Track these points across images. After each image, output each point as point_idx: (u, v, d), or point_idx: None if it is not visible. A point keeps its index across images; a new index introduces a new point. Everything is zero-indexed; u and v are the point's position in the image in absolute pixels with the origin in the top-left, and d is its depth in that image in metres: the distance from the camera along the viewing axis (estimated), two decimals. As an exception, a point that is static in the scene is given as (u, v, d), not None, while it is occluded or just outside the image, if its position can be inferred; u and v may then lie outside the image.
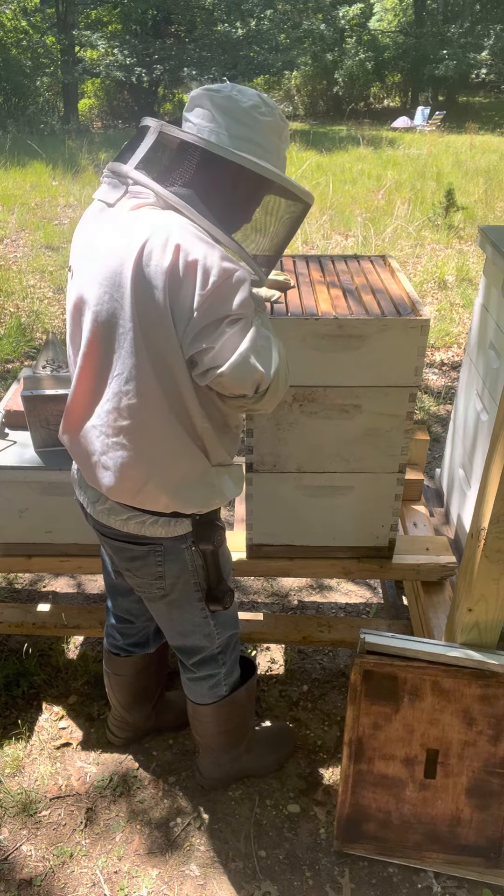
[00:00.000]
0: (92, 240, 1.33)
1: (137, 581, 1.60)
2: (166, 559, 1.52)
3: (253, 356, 1.26)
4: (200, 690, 1.77)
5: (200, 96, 1.30)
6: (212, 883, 1.76)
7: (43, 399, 1.93)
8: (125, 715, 2.01)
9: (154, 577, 1.55)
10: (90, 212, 1.39)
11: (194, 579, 1.57)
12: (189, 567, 1.55)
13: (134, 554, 1.53)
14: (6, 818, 1.91)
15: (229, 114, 1.27)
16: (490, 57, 24.36)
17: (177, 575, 1.55)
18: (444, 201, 7.90)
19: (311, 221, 7.63)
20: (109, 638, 1.91)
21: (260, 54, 21.98)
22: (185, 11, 22.02)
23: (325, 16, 23.96)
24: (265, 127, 1.29)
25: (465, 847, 1.76)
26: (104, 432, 1.39)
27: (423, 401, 4.08)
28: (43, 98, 21.52)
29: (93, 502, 1.52)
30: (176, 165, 1.29)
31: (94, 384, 1.38)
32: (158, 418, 1.34)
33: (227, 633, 1.72)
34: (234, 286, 1.24)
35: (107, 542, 1.58)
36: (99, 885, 1.76)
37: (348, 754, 1.73)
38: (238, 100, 1.28)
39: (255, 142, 1.29)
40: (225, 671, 1.76)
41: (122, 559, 1.57)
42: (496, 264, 2.03)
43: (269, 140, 1.30)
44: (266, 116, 1.29)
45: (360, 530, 2.04)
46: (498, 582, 1.62)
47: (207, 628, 1.67)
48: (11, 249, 7.06)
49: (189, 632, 1.67)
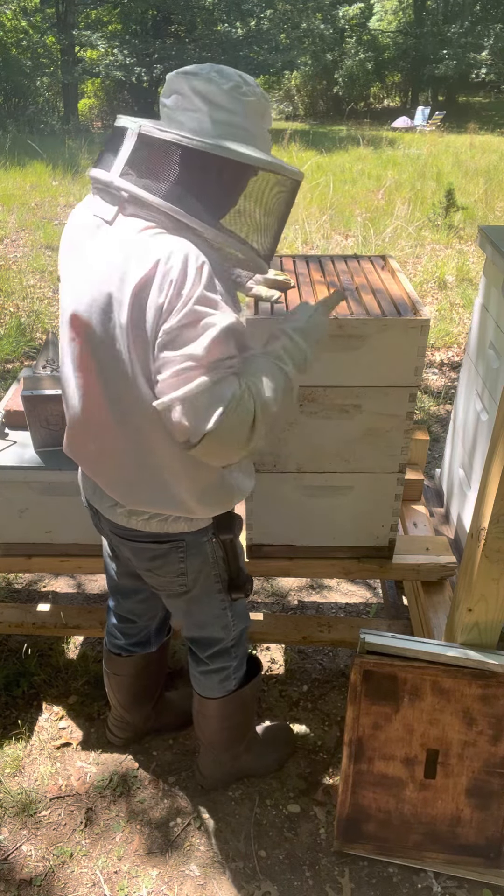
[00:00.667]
0: (90, 258, 1.30)
1: (158, 580, 1.60)
2: (188, 554, 1.53)
3: (182, 413, 1.21)
4: (210, 684, 1.77)
5: (177, 80, 1.25)
6: (212, 883, 1.76)
7: (43, 399, 1.93)
8: (125, 715, 2.01)
9: (176, 574, 1.56)
10: (83, 223, 1.35)
11: (214, 571, 1.59)
12: (210, 559, 1.56)
13: (155, 553, 1.53)
14: (6, 818, 1.91)
15: (209, 98, 1.23)
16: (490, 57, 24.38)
17: (198, 569, 1.56)
18: (444, 201, 7.90)
19: (311, 221, 7.64)
20: (111, 637, 1.91)
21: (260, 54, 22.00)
22: (185, 11, 22.02)
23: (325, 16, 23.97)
24: (248, 108, 1.25)
25: (465, 847, 1.76)
26: (117, 452, 1.40)
27: (423, 401, 4.08)
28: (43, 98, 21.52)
29: (110, 506, 1.51)
30: (160, 165, 1.23)
31: (99, 404, 1.37)
32: (167, 436, 1.33)
33: (241, 625, 1.74)
34: (202, 330, 1.20)
35: (125, 544, 1.57)
36: (99, 885, 1.76)
37: (348, 754, 1.73)
38: (218, 83, 1.23)
39: (238, 125, 1.24)
40: (235, 664, 1.77)
41: (143, 559, 1.56)
42: (496, 264, 2.03)
43: (252, 121, 1.26)
44: (248, 97, 1.25)
45: (360, 530, 2.04)
46: (498, 582, 1.62)
47: (225, 619, 1.69)
48: (11, 249, 7.06)
49: (207, 623, 1.69)
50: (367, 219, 7.83)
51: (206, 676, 1.77)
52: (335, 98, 26.79)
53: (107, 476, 1.46)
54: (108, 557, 1.78)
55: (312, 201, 8.64)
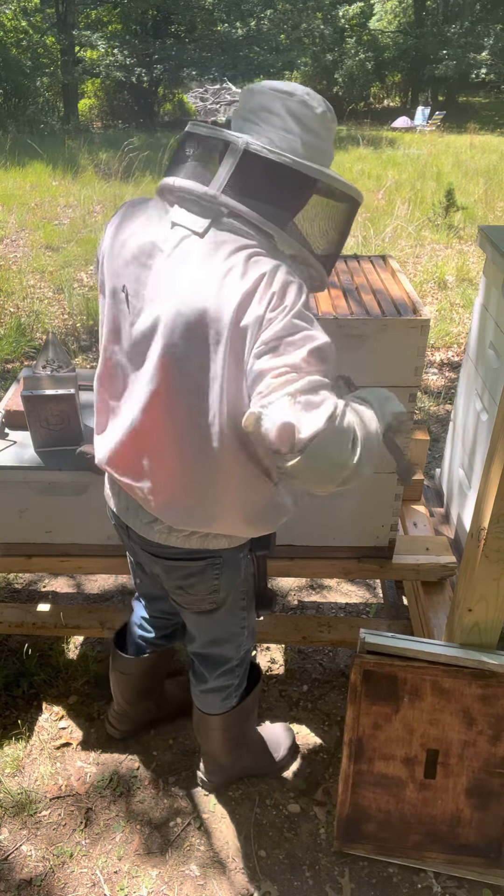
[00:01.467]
0: (174, 268, 1.24)
1: (189, 598, 1.56)
2: (224, 571, 1.50)
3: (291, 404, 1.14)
4: (213, 702, 1.77)
5: (269, 97, 1.25)
6: (212, 883, 1.76)
7: (43, 399, 1.93)
8: (128, 710, 2.01)
9: (209, 592, 1.53)
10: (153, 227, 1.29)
11: (243, 587, 1.57)
12: (241, 576, 1.54)
13: (190, 570, 1.50)
14: (6, 818, 1.91)
15: (303, 121, 1.24)
16: (490, 57, 24.37)
17: (229, 587, 1.54)
18: (444, 201, 7.90)
19: (311, 221, 7.62)
20: (140, 630, 1.90)
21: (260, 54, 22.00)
22: (185, 11, 22.04)
23: (325, 16, 23.97)
24: (329, 134, 1.29)
25: (465, 847, 1.76)
26: (173, 472, 1.35)
27: (423, 401, 4.08)
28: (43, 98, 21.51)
29: (146, 523, 1.47)
30: (264, 184, 1.23)
31: (165, 421, 1.31)
32: (233, 458, 1.31)
33: (248, 645, 1.73)
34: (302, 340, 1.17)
35: (158, 562, 1.53)
36: (99, 885, 1.76)
37: (348, 754, 1.73)
38: (313, 107, 1.25)
39: (322, 150, 1.28)
40: (237, 683, 1.77)
41: (176, 578, 1.52)
42: (496, 264, 2.03)
43: (330, 146, 1.31)
44: (332, 123, 1.29)
45: (360, 530, 2.04)
46: (498, 582, 1.62)
47: (240, 638, 1.68)
48: (11, 249, 7.06)
49: (223, 640, 1.67)
50: (367, 219, 7.83)
51: (209, 695, 1.76)
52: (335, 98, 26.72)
53: (156, 494, 1.40)
54: (135, 566, 1.76)
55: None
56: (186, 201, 1.26)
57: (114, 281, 1.33)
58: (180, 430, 1.31)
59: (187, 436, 1.30)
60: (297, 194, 1.27)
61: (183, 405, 1.28)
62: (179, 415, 1.29)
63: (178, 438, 1.32)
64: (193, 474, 1.34)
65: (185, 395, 1.27)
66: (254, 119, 1.25)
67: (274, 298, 1.17)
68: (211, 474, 1.33)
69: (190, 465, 1.33)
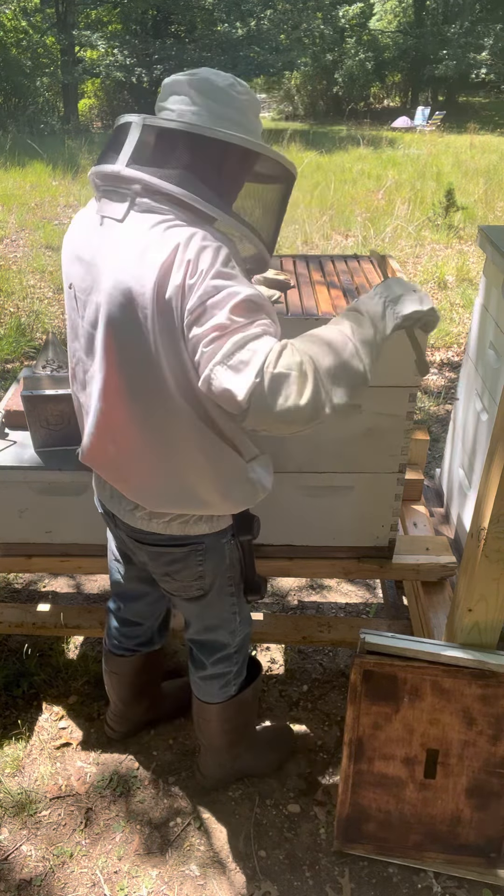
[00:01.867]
0: (103, 258, 1.29)
1: (176, 585, 1.59)
2: (207, 557, 1.53)
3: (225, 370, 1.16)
4: (211, 689, 1.77)
5: (177, 82, 1.30)
6: (212, 883, 1.76)
7: (43, 399, 1.93)
8: (125, 710, 2.01)
9: (194, 578, 1.56)
10: (88, 227, 1.35)
11: (229, 573, 1.59)
12: (227, 562, 1.57)
13: (174, 556, 1.53)
14: (6, 818, 1.91)
15: (208, 94, 1.28)
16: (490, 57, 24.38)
17: (215, 572, 1.57)
18: (444, 201, 7.90)
19: (312, 222, 7.64)
20: (112, 640, 1.91)
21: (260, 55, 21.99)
22: (185, 11, 22.03)
23: (325, 16, 23.96)
24: (243, 105, 1.30)
25: (465, 847, 1.76)
26: (139, 452, 1.40)
27: (423, 401, 4.08)
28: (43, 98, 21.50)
29: (129, 510, 1.51)
30: (163, 155, 1.26)
31: (121, 404, 1.36)
32: (192, 430, 1.34)
33: (244, 631, 1.74)
34: (227, 298, 1.18)
35: (143, 549, 1.56)
36: (99, 885, 1.76)
37: (348, 754, 1.73)
38: (215, 80, 1.29)
39: (234, 120, 1.29)
40: (236, 670, 1.77)
41: (161, 564, 1.56)
42: (496, 264, 2.03)
43: (247, 118, 1.31)
44: (242, 95, 1.30)
45: (359, 530, 2.04)
46: (498, 582, 1.62)
47: (233, 624, 1.69)
48: (11, 249, 7.06)
49: (216, 627, 1.69)
50: (367, 219, 7.83)
51: (207, 682, 1.77)
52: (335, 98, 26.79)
53: (127, 479, 1.45)
54: (115, 562, 1.78)
55: (312, 201, 8.64)
56: (107, 192, 1.31)
57: (66, 280, 1.41)
58: (136, 412, 1.35)
59: (143, 416, 1.35)
60: (203, 159, 1.26)
61: (132, 387, 1.33)
62: (132, 397, 1.34)
63: (136, 420, 1.36)
64: (157, 454, 1.38)
65: (132, 378, 1.32)
66: (166, 105, 1.31)
67: (190, 265, 1.19)
68: (173, 451, 1.37)
69: (152, 446, 1.37)
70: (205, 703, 1.80)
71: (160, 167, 1.25)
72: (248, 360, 1.15)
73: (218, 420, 1.35)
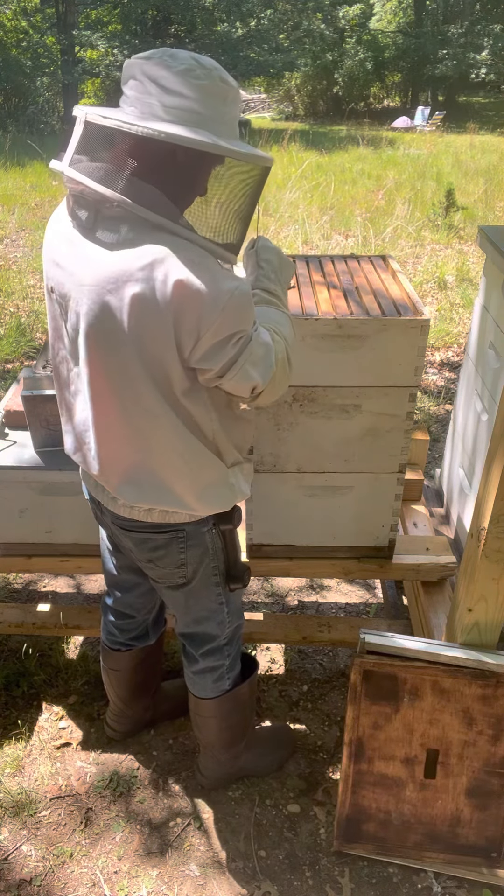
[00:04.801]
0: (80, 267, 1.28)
1: (159, 572, 1.61)
2: (188, 545, 1.54)
3: (251, 368, 1.31)
4: (204, 684, 1.78)
5: (132, 66, 1.22)
6: (212, 883, 1.76)
7: (43, 399, 1.93)
8: (124, 709, 2.01)
9: (176, 566, 1.57)
10: (63, 226, 1.33)
11: (213, 563, 1.60)
12: (210, 551, 1.58)
13: (157, 543, 1.54)
14: (6, 818, 1.91)
15: (160, 83, 1.18)
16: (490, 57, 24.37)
17: (198, 561, 1.58)
18: (444, 201, 7.90)
19: (311, 222, 7.64)
20: (108, 635, 1.92)
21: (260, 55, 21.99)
22: (185, 11, 22.01)
23: (325, 16, 23.96)
24: (202, 92, 1.18)
25: (465, 847, 1.76)
26: (121, 453, 1.41)
27: (423, 401, 4.08)
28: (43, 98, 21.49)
29: (111, 498, 1.53)
30: (108, 154, 1.19)
31: (104, 406, 1.37)
32: (174, 433, 1.36)
33: (235, 622, 1.74)
34: (236, 306, 1.23)
35: (127, 535, 1.58)
36: (99, 885, 1.76)
37: (348, 754, 1.73)
38: (169, 65, 1.17)
39: (191, 110, 1.18)
40: (228, 664, 1.77)
41: (145, 550, 1.58)
42: (496, 264, 2.03)
43: (208, 106, 1.20)
44: (201, 80, 1.18)
45: (359, 530, 2.04)
46: (498, 582, 1.63)
47: (221, 615, 1.69)
48: (11, 249, 7.06)
49: (204, 619, 1.69)
50: (367, 219, 7.83)
51: (200, 676, 1.77)
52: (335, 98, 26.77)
53: (109, 477, 1.46)
54: (107, 552, 1.79)
55: (312, 201, 8.64)
56: (74, 193, 1.28)
57: (46, 281, 1.39)
58: (118, 415, 1.36)
59: (125, 419, 1.36)
60: (150, 160, 1.19)
61: (115, 392, 1.34)
62: (115, 401, 1.35)
63: (119, 422, 1.37)
64: (138, 455, 1.40)
65: (114, 384, 1.33)
66: (125, 91, 1.24)
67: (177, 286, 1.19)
68: (153, 454, 1.39)
69: (132, 446, 1.39)
70: (200, 699, 1.80)
71: (102, 169, 1.19)
72: (266, 355, 1.33)
73: (202, 425, 1.39)
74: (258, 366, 1.32)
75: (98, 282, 1.24)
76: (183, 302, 1.20)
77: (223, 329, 1.24)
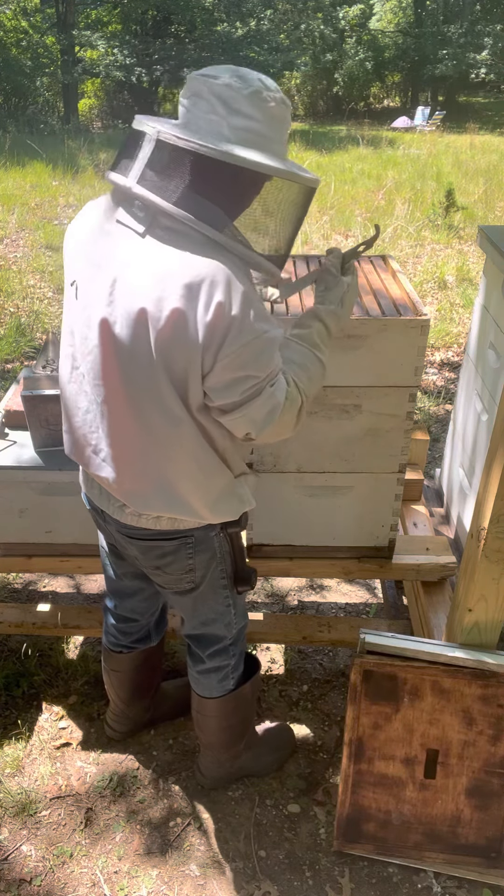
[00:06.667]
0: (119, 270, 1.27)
1: (167, 578, 1.60)
2: (197, 550, 1.54)
3: (249, 420, 1.33)
4: (209, 683, 1.78)
5: (198, 83, 1.24)
6: (212, 883, 1.76)
7: (43, 399, 1.93)
8: (125, 709, 2.01)
9: (185, 571, 1.57)
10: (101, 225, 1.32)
11: (221, 566, 1.60)
12: (217, 555, 1.58)
13: (164, 550, 1.54)
14: (6, 818, 1.91)
15: (229, 104, 1.21)
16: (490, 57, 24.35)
17: (206, 565, 1.58)
18: (444, 201, 7.90)
19: (312, 222, 7.63)
20: (110, 637, 1.91)
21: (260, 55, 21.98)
22: (185, 11, 22.01)
23: (325, 16, 23.95)
24: (267, 114, 1.23)
25: (465, 847, 1.76)
26: (134, 460, 1.40)
27: (423, 401, 4.08)
28: (43, 98, 21.50)
29: (118, 507, 1.51)
30: (178, 173, 1.22)
31: (121, 413, 1.36)
32: (195, 442, 1.37)
33: (241, 623, 1.75)
34: (258, 350, 1.26)
35: (133, 543, 1.57)
36: (99, 885, 1.76)
37: (348, 754, 1.73)
38: (239, 88, 1.21)
39: (256, 132, 1.23)
40: (234, 663, 1.78)
41: (152, 558, 1.57)
42: (496, 264, 2.03)
43: (271, 127, 1.25)
44: (268, 102, 1.23)
45: (359, 530, 2.04)
46: (498, 582, 1.63)
47: (228, 616, 1.70)
48: (11, 249, 7.06)
49: (211, 620, 1.69)
50: (367, 219, 7.83)
51: (205, 676, 1.78)
52: (335, 98, 26.77)
53: (122, 483, 1.44)
54: (108, 559, 1.78)
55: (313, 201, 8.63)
56: (126, 200, 1.29)
57: (69, 276, 1.39)
58: (136, 420, 1.35)
59: (143, 424, 1.35)
60: (215, 179, 1.22)
61: (134, 396, 1.33)
62: (133, 405, 1.34)
63: (135, 427, 1.36)
64: (153, 460, 1.39)
65: (135, 389, 1.32)
66: (187, 105, 1.25)
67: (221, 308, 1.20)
68: (170, 460, 1.39)
69: (148, 452, 1.38)
70: (204, 699, 1.80)
71: (170, 188, 1.21)
72: (270, 411, 1.33)
73: (216, 438, 1.40)
74: (257, 422, 1.34)
75: (140, 287, 1.23)
76: (217, 323, 1.21)
77: (237, 365, 1.26)
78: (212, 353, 1.24)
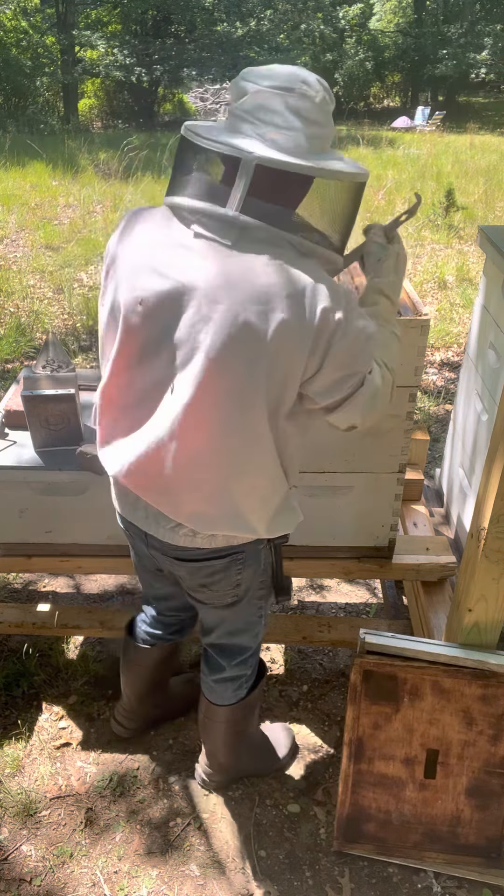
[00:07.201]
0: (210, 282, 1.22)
1: (211, 595, 1.57)
2: (245, 565, 1.52)
3: (356, 410, 1.36)
4: (225, 692, 1.76)
5: (267, 96, 1.21)
6: (212, 883, 1.76)
7: (43, 399, 1.93)
8: (137, 706, 2.01)
9: (232, 587, 1.55)
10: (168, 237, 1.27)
11: (262, 578, 1.58)
12: (261, 566, 1.55)
13: (215, 568, 1.50)
14: (6, 818, 1.91)
15: (304, 115, 1.22)
16: (490, 57, 24.37)
17: (251, 578, 1.55)
18: (444, 201, 7.90)
19: (311, 221, 7.62)
20: (146, 630, 1.90)
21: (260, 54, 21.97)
22: (184, 11, 22.01)
23: (325, 16, 23.96)
24: (329, 116, 1.27)
25: (465, 847, 1.76)
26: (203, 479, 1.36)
27: (423, 401, 4.08)
28: (43, 98, 21.51)
29: (170, 528, 1.45)
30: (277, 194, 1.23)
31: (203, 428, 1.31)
32: (269, 455, 1.36)
33: (263, 633, 1.74)
34: (362, 347, 1.30)
35: (182, 565, 1.53)
36: (99, 885, 1.76)
37: (348, 754, 1.73)
38: (311, 97, 1.22)
39: (325, 137, 1.27)
40: (249, 673, 1.77)
41: (200, 577, 1.53)
42: (496, 264, 2.03)
43: (330, 125, 1.29)
44: (330, 105, 1.27)
45: (359, 530, 2.04)
46: (498, 582, 1.63)
47: (258, 627, 1.69)
48: (11, 249, 7.06)
49: (241, 631, 1.68)
50: (367, 219, 7.83)
51: (221, 685, 1.76)
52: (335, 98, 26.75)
53: (179, 504, 1.40)
54: (145, 572, 1.76)
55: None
56: (205, 217, 1.24)
57: (130, 292, 1.29)
58: (215, 439, 1.32)
59: (223, 443, 1.32)
60: (299, 192, 1.28)
61: (220, 415, 1.29)
62: (216, 424, 1.30)
63: (212, 447, 1.33)
64: (223, 479, 1.36)
65: (223, 407, 1.28)
66: (251, 119, 1.22)
67: (327, 314, 1.23)
68: (241, 478, 1.37)
69: (220, 472, 1.35)
70: (215, 706, 1.79)
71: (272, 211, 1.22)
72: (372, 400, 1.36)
73: (288, 447, 1.39)
74: (363, 408, 1.36)
75: (239, 301, 1.21)
76: (323, 327, 1.23)
77: (344, 365, 1.29)
78: (318, 357, 1.26)
